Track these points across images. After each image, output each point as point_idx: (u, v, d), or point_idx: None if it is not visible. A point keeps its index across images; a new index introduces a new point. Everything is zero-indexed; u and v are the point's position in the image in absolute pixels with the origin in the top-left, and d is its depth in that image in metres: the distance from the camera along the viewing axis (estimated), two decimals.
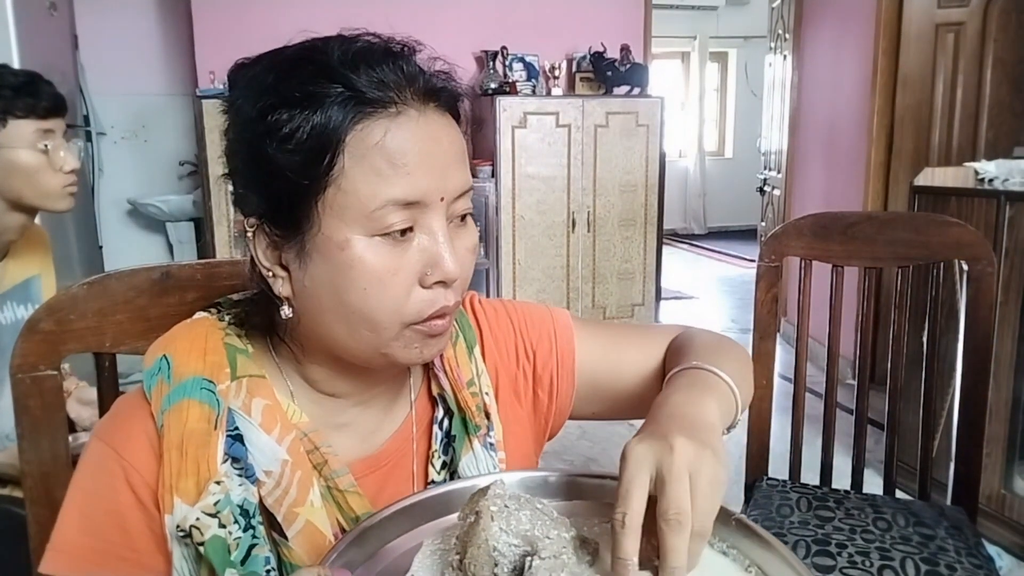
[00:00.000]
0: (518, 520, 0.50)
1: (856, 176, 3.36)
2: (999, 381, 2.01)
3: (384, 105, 0.54)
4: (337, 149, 0.54)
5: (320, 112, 0.53)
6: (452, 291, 0.59)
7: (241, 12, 3.76)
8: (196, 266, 0.81)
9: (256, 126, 0.56)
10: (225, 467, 0.58)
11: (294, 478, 0.60)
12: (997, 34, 2.86)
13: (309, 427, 0.63)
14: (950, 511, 1.30)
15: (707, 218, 8.69)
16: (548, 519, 0.51)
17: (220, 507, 0.56)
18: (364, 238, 0.55)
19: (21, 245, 1.39)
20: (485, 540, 0.48)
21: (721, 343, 0.74)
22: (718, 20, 8.17)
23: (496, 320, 0.76)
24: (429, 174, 0.55)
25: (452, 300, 0.59)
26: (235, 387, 0.61)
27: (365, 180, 0.54)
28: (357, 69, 0.54)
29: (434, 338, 0.60)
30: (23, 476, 0.79)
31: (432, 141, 0.56)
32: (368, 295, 0.56)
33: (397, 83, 0.55)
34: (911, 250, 1.32)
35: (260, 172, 0.57)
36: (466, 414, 0.69)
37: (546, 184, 3.91)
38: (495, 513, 0.49)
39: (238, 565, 0.57)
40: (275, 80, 0.56)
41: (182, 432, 0.57)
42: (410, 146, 0.55)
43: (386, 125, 0.54)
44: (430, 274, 0.57)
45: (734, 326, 4.71)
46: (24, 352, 0.77)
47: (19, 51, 2.36)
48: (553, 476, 0.63)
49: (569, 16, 4.29)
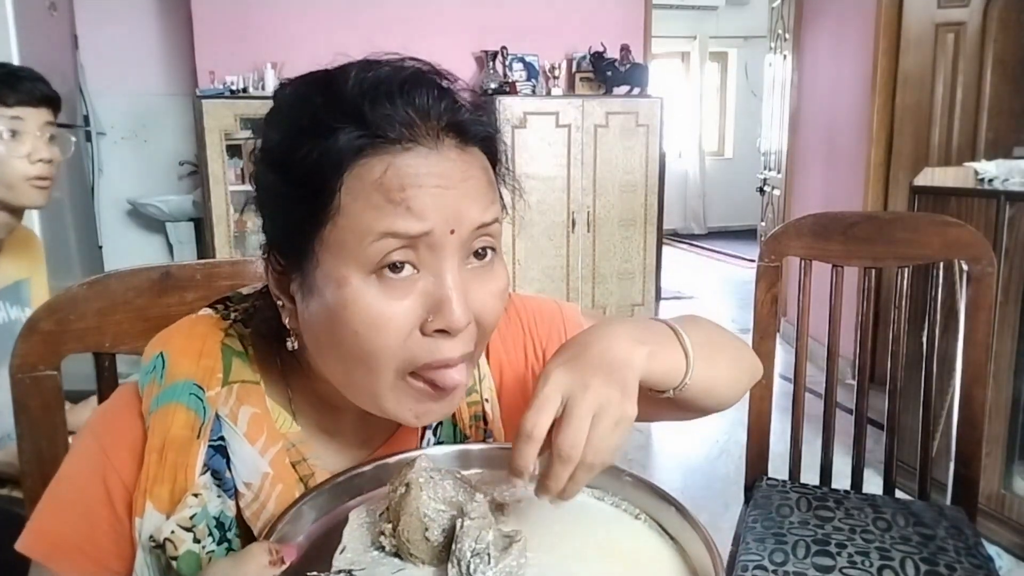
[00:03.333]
0: (443, 488, 0.54)
1: (856, 176, 3.36)
2: (999, 381, 2.01)
3: (391, 140, 0.52)
4: (336, 184, 0.52)
5: (325, 145, 0.52)
6: (459, 341, 0.55)
7: (241, 12, 3.76)
8: (196, 266, 0.81)
9: (271, 152, 0.56)
10: (204, 479, 0.57)
11: (273, 492, 0.59)
12: (997, 34, 2.86)
13: (298, 437, 0.62)
14: (950, 511, 1.30)
15: (707, 218, 8.69)
16: (468, 487, 0.57)
17: (196, 520, 0.56)
18: (361, 276, 0.52)
19: (11, 246, 1.38)
20: (416, 508, 0.52)
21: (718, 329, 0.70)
22: (718, 20, 8.17)
23: (505, 319, 0.74)
24: (435, 207, 0.52)
25: (458, 352, 0.55)
26: (225, 393, 0.60)
27: (361, 215, 0.52)
28: (369, 101, 0.52)
29: (435, 400, 0.57)
30: (23, 476, 0.80)
31: (441, 177, 0.52)
32: (360, 338, 0.53)
33: (407, 118, 0.52)
34: (911, 250, 1.32)
35: (269, 199, 0.57)
36: (456, 425, 0.68)
37: (546, 184, 3.91)
38: (423, 483, 0.53)
39: None
40: (291, 107, 0.55)
41: (164, 437, 0.57)
42: (412, 180, 0.51)
43: (389, 161, 0.51)
44: (431, 320, 0.53)
45: (734, 326, 4.71)
46: (24, 352, 0.77)
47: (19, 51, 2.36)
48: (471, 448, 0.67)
49: (569, 16, 4.29)
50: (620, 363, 0.54)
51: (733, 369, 0.69)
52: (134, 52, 4.03)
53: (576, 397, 0.51)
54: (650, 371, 0.56)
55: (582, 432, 0.50)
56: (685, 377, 0.59)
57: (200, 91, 3.56)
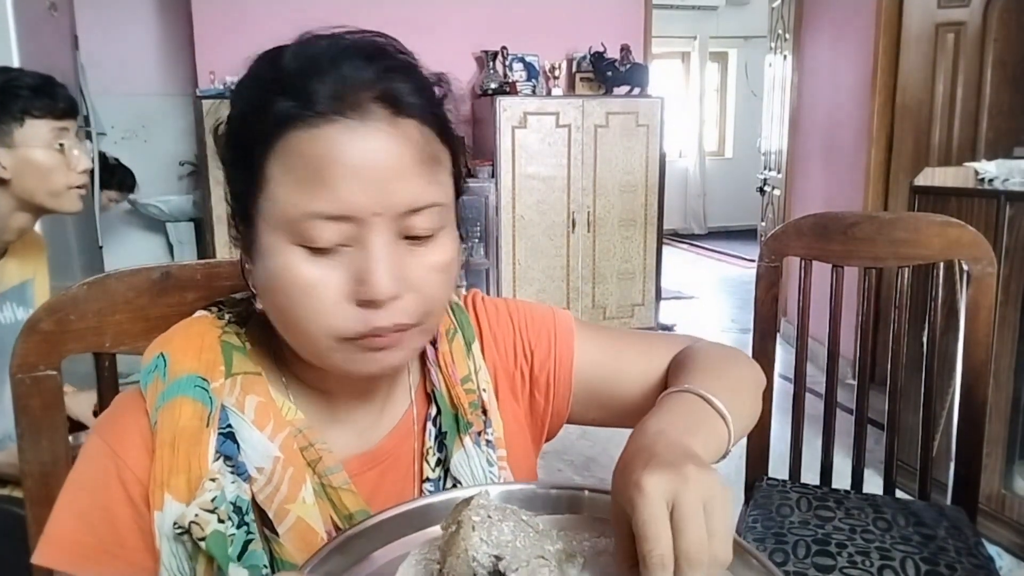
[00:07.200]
0: (499, 531, 0.49)
1: (856, 176, 3.36)
2: (999, 381, 2.01)
3: (318, 114, 0.52)
4: (265, 154, 0.54)
5: (259, 116, 0.54)
6: (389, 312, 0.55)
7: (241, 12, 3.76)
8: (196, 266, 0.81)
9: (227, 123, 0.58)
10: (217, 465, 0.58)
11: (285, 475, 0.60)
12: (997, 34, 2.86)
13: (304, 424, 0.63)
14: (950, 511, 1.30)
15: (707, 218, 8.69)
16: (532, 531, 0.51)
17: (217, 503, 0.57)
18: (291, 246, 0.54)
19: (18, 247, 1.39)
20: (464, 550, 0.48)
21: (726, 362, 0.70)
22: (718, 20, 8.17)
23: (496, 318, 0.75)
24: (361, 188, 0.52)
25: (388, 322, 0.55)
26: (229, 384, 0.61)
27: (288, 190, 0.53)
28: (301, 74, 0.53)
29: (376, 352, 0.57)
30: (23, 476, 0.80)
31: (369, 152, 0.52)
32: (294, 304, 0.55)
33: (333, 91, 0.52)
34: (911, 250, 1.32)
35: (224, 168, 0.60)
36: (458, 411, 0.68)
37: (546, 184, 3.91)
38: (477, 523, 0.49)
39: (235, 560, 0.57)
40: (242, 80, 0.58)
41: (174, 429, 0.58)
42: (335, 157, 0.52)
43: (315, 134, 0.52)
44: (358, 291, 0.54)
45: (734, 326, 4.71)
46: (24, 352, 0.77)
47: (19, 51, 2.36)
48: (543, 489, 0.61)
49: (569, 16, 4.29)
50: (692, 451, 0.52)
51: (754, 400, 0.70)
52: (134, 52, 4.03)
53: (682, 495, 0.47)
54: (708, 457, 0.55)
55: (703, 529, 0.46)
56: (728, 446, 0.60)
57: (200, 91, 3.56)
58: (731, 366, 0.70)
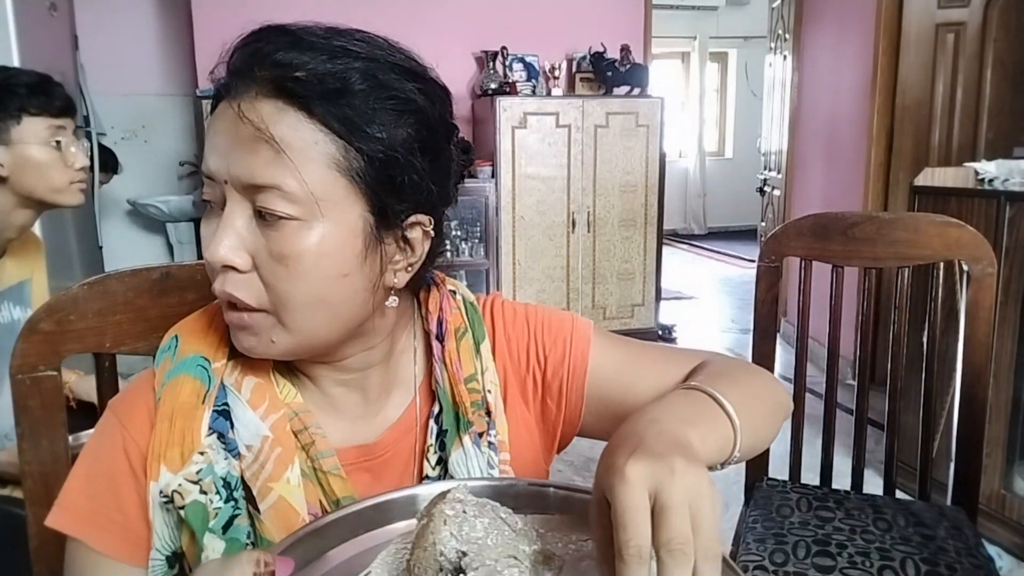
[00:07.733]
0: (471, 527, 0.48)
1: (856, 176, 3.36)
2: (999, 381, 2.01)
3: (223, 86, 0.59)
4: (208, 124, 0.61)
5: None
6: (228, 280, 0.58)
7: (241, 12, 3.75)
8: (196, 266, 0.81)
9: None
10: (210, 440, 0.61)
11: (272, 454, 0.62)
12: (997, 34, 2.86)
13: (301, 407, 0.65)
14: (950, 511, 1.30)
15: (707, 218, 8.69)
16: (509, 530, 0.49)
17: (202, 475, 0.59)
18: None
19: (17, 247, 1.40)
20: (432, 543, 0.47)
21: (746, 374, 0.68)
22: (718, 20, 8.17)
23: (513, 321, 0.75)
24: (216, 153, 0.58)
25: (223, 288, 0.58)
26: (231, 365, 0.64)
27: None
28: (231, 51, 0.60)
29: (238, 331, 0.61)
30: (23, 476, 0.80)
31: (228, 123, 0.57)
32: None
33: (236, 68, 0.59)
34: (911, 250, 1.32)
35: None
36: (459, 409, 0.68)
37: (546, 184, 3.91)
38: (449, 517, 0.48)
39: (219, 532, 0.59)
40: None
41: (174, 405, 0.61)
42: (213, 124, 0.59)
43: (220, 105, 0.59)
44: None
45: (734, 326, 4.71)
46: (24, 352, 0.77)
47: (19, 51, 2.36)
48: (525, 485, 0.60)
49: (569, 16, 4.29)
50: (685, 443, 0.50)
51: (772, 417, 0.68)
52: (134, 52, 4.03)
53: (666, 484, 0.44)
54: (705, 453, 0.54)
55: (686, 522, 0.43)
56: (734, 450, 0.58)
57: (200, 91, 3.56)
58: (751, 378, 0.68)
